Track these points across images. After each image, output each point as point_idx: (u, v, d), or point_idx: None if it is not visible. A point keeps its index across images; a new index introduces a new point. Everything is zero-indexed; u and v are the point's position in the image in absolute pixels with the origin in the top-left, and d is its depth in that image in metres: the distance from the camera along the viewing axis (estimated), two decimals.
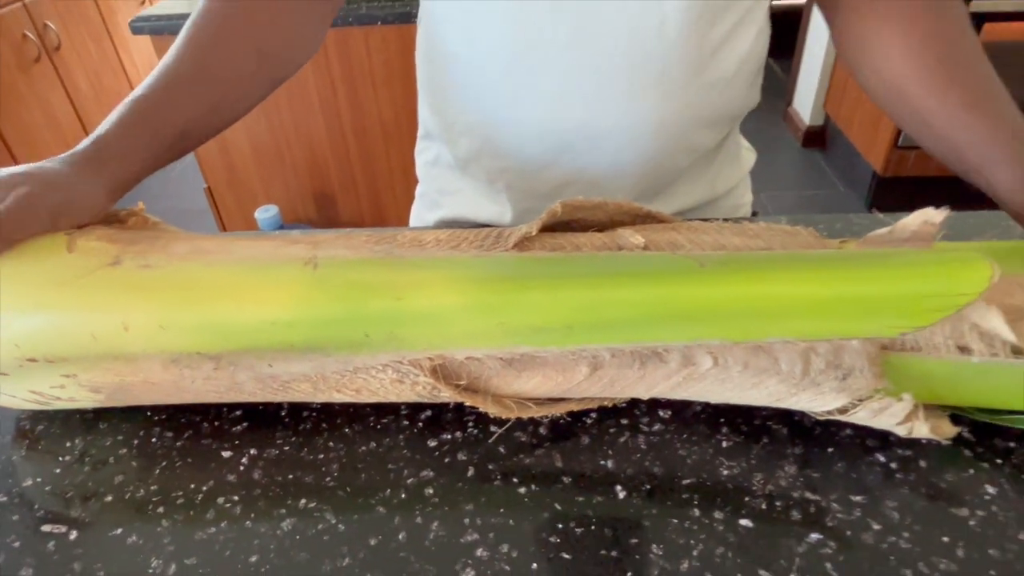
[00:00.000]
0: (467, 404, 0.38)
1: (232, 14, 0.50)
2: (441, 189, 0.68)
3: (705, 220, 0.42)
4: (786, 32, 2.81)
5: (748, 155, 0.70)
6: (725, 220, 0.42)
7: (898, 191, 2.07)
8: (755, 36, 0.55)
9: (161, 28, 1.36)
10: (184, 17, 1.31)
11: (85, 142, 0.44)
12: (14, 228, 0.36)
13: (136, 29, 1.35)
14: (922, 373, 0.36)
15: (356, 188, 1.57)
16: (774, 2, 0.60)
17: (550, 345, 0.36)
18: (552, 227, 0.42)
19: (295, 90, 1.43)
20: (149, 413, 0.43)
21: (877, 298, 0.32)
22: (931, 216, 0.36)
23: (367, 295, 0.36)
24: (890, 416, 0.35)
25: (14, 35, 2.23)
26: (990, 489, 0.35)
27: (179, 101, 0.47)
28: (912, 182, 2.07)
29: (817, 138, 2.53)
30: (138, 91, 0.46)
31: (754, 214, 0.70)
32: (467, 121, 0.59)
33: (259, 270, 0.37)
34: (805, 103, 2.56)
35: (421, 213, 0.72)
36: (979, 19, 1.77)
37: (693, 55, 0.51)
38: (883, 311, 0.32)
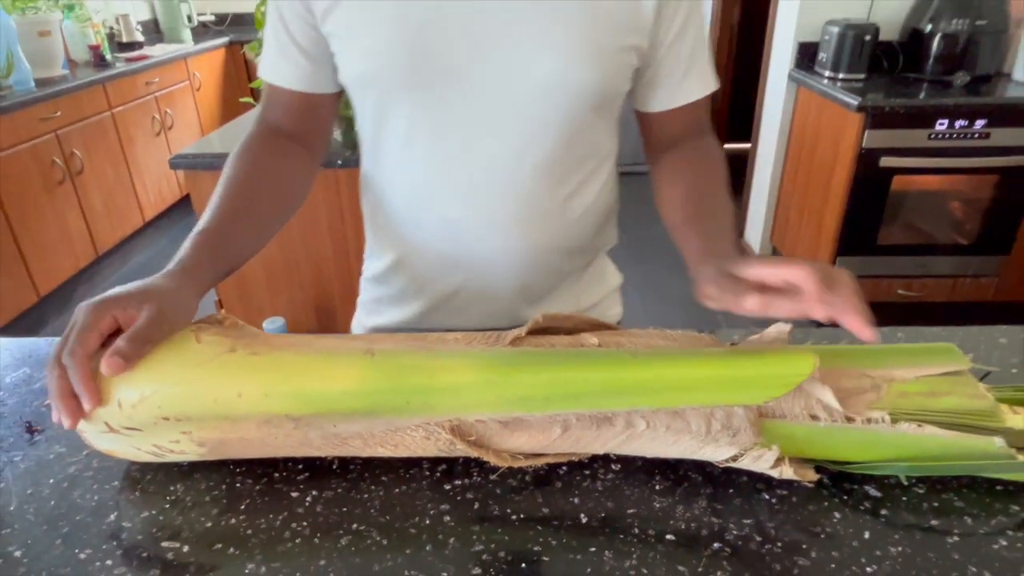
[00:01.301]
0: (474, 456, 0.54)
1: (265, 167, 0.71)
2: (375, 298, 0.86)
3: (642, 329, 0.61)
4: (738, 172, 3.19)
5: (614, 277, 0.91)
6: (654, 328, 0.60)
7: None
8: (599, 189, 0.77)
9: (195, 164, 1.58)
10: (210, 157, 1.54)
11: (172, 264, 0.59)
12: (152, 335, 0.52)
13: (174, 165, 1.57)
14: (787, 433, 0.53)
15: (355, 301, 1.74)
16: (727, 144, 0.84)
17: (534, 411, 0.52)
18: (535, 331, 0.60)
19: (307, 217, 1.65)
20: (232, 466, 0.57)
21: (747, 377, 0.50)
22: (782, 328, 0.54)
23: (409, 374, 0.52)
24: (764, 462, 0.51)
25: (44, 161, 2.46)
26: (836, 515, 0.51)
27: (234, 234, 0.65)
28: None
29: None
30: (203, 224, 0.63)
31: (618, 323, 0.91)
32: (386, 244, 0.80)
33: (333, 356, 0.54)
34: (755, 234, 2.87)
35: (361, 319, 0.90)
36: (889, 173, 2.10)
37: (549, 203, 0.72)
38: (751, 386, 0.50)
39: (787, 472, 0.52)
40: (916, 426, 0.52)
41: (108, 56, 3.05)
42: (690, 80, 0.73)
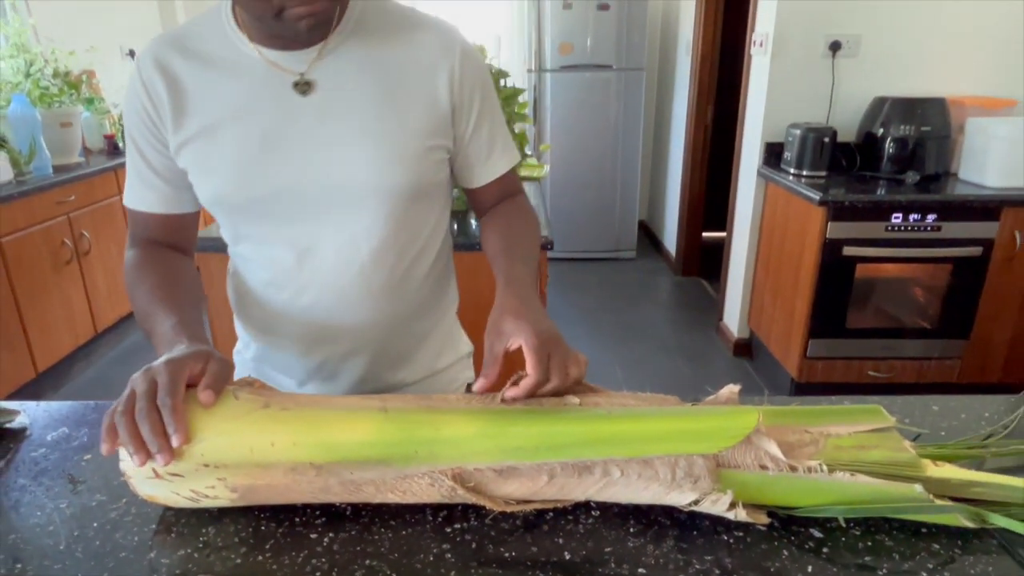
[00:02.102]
0: (472, 502, 0.62)
1: (168, 267, 0.82)
2: (248, 374, 0.95)
3: (616, 391, 0.70)
4: (715, 259, 3.36)
5: (465, 345, 1.03)
6: (627, 391, 0.70)
7: (813, 394, 2.40)
8: (434, 259, 0.90)
9: (204, 247, 1.69)
10: (212, 240, 1.65)
11: (184, 343, 0.68)
12: (226, 377, 0.63)
13: None
14: (741, 481, 0.61)
15: None
16: (705, 233, 0.99)
17: (525, 460, 0.61)
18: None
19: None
20: (257, 512, 0.65)
21: (704, 429, 0.59)
22: (733, 389, 0.64)
23: (417, 427, 0.61)
24: (721, 505, 0.60)
25: (55, 242, 2.57)
26: (785, 553, 0.59)
27: (196, 320, 0.76)
28: (822, 386, 2.42)
29: (745, 349, 2.93)
30: (169, 320, 0.72)
31: (468, 387, 1.01)
32: (252, 330, 0.91)
33: (352, 412, 0.63)
34: (733, 318, 3.00)
35: None
36: (852, 261, 2.26)
37: (391, 277, 0.84)
38: (707, 437, 0.59)
39: (741, 515, 0.60)
40: (849, 475, 0.61)
41: (121, 144, 3.23)
42: (494, 159, 0.88)
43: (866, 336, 2.38)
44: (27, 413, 0.83)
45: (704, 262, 3.88)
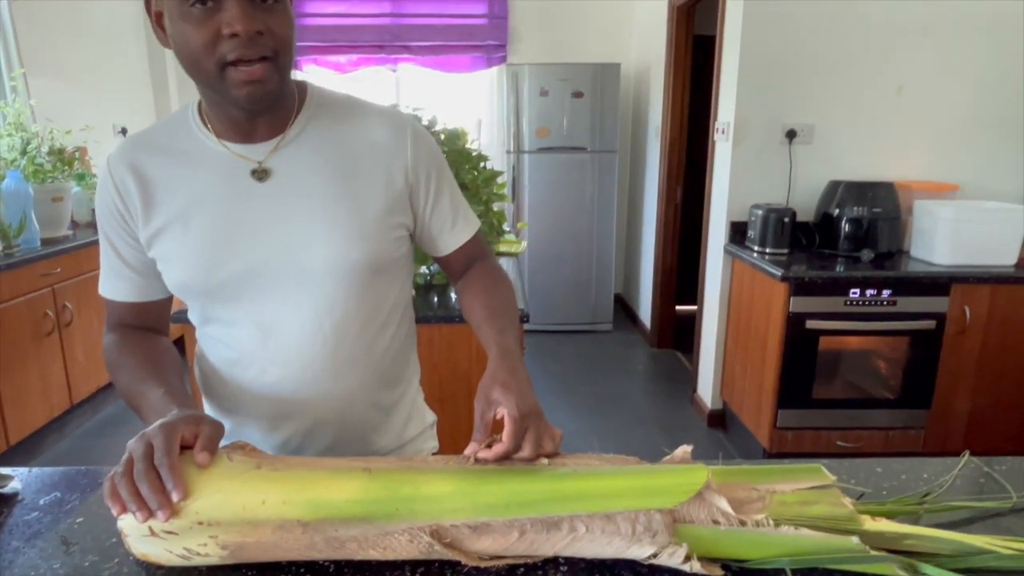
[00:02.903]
0: (448, 557, 0.66)
1: (147, 347, 0.88)
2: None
3: (583, 453, 0.76)
4: (688, 332, 3.46)
5: (429, 415, 1.07)
6: (593, 453, 0.76)
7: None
8: (395, 331, 0.94)
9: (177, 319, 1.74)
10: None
11: (176, 408, 0.73)
12: (218, 438, 0.68)
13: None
14: (696, 535, 0.67)
15: None
16: (679, 307, 1.07)
17: (497, 516, 0.66)
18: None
19: None
20: (244, 570, 0.68)
21: (659, 486, 0.65)
22: (686, 450, 0.71)
23: (399, 485, 0.67)
24: (677, 557, 0.65)
25: (38, 313, 2.59)
26: None
27: (165, 370, 0.82)
28: (793, 456, 2.47)
29: (718, 420, 2.99)
30: (156, 392, 0.78)
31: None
32: (220, 410, 0.93)
33: (339, 472, 0.68)
34: (706, 390, 3.07)
35: None
36: (815, 334, 2.36)
37: (354, 351, 0.88)
38: (663, 493, 0.65)
39: (696, 567, 0.65)
40: (793, 528, 0.67)
41: None
42: (457, 228, 0.95)
43: (833, 407, 2.46)
44: (20, 478, 0.86)
45: (679, 334, 3.98)
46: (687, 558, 0.65)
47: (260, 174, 0.83)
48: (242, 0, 0.70)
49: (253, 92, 0.74)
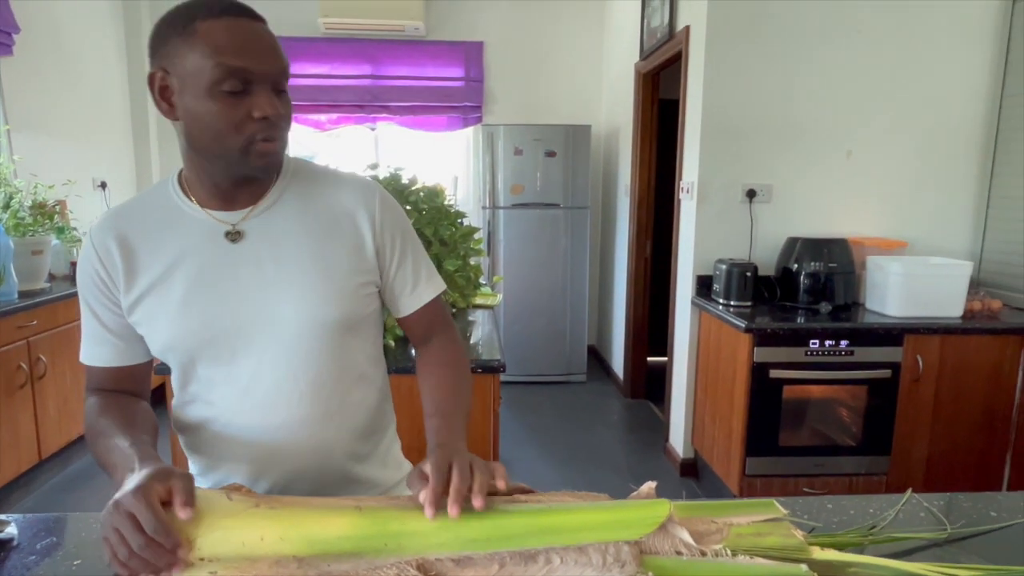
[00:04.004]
0: None
1: (125, 409, 0.90)
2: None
3: (557, 492, 0.82)
4: (659, 382, 3.54)
5: (406, 464, 1.11)
6: (566, 491, 0.82)
7: None
8: (370, 383, 0.99)
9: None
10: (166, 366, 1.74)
11: (144, 462, 0.76)
12: (193, 491, 0.71)
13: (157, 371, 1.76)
14: (661, 565, 0.73)
15: None
16: (650, 358, 1.13)
17: (479, 550, 0.72)
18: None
19: None
20: None
21: (625, 519, 0.72)
22: (651, 486, 0.78)
23: (387, 521, 0.72)
24: None
25: (11, 366, 2.58)
26: None
27: (135, 429, 0.85)
28: None
29: (691, 469, 3.05)
30: (128, 446, 0.79)
31: None
32: (203, 465, 0.96)
33: (331, 510, 0.73)
34: (678, 439, 3.13)
35: None
36: (779, 383, 2.46)
37: (330, 404, 0.92)
38: (629, 525, 0.72)
39: None
40: (749, 558, 0.74)
41: None
42: (420, 289, 1.00)
43: (799, 454, 2.54)
44: (15, 524, 0.89)
45: (651, 385, 4.06)
46: None
47: (234, 235, 0.89)
48: (269, 90, 0.82)
49: (271, 162, 0.85)
